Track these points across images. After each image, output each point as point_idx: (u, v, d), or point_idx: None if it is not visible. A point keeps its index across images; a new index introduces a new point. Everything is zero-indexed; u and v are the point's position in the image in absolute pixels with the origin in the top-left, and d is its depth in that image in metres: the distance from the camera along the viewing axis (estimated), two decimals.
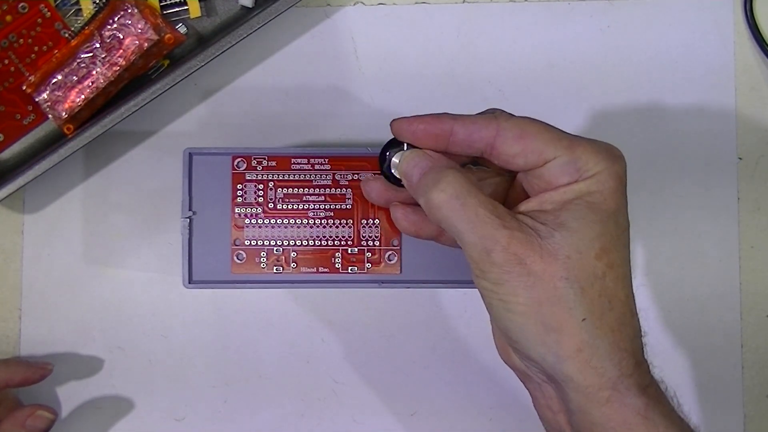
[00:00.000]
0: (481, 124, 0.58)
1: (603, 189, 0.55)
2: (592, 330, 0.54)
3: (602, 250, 0.55)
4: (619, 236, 0.56)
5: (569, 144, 0.57)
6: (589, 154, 0.56)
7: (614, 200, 0.56)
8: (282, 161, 0.69)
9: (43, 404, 0.73)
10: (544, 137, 0.57)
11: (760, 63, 0.77)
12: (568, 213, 0.55)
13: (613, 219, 0.56)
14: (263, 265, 0.69)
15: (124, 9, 0.72)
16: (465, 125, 0.58)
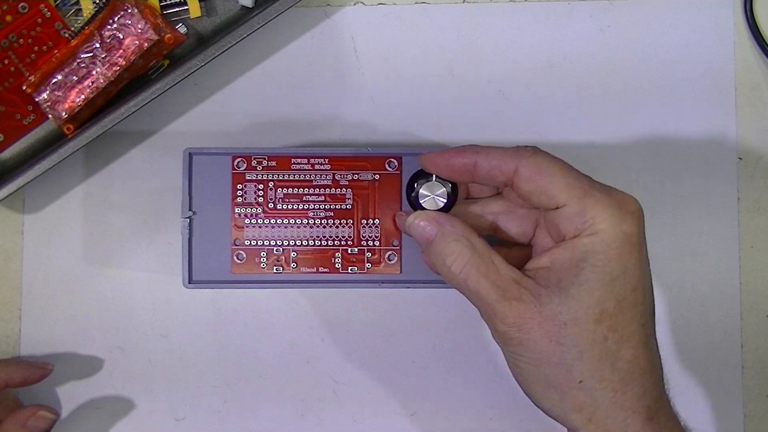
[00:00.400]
0: (502, 160, 0.59)
1: (607, 250, 0.56)
2: (591, 392, 0.56)
3: (602, 315, 0.55)
4: (626, 297, 0.56)
5: (582, 193, 0.57)
6: (598, 209, 0.56)
7: (619, 262, 0.56)
8: (282, 161, 0.69)
9: (44, 404, 0.73)
10: (559, 182, 0.57)
11: (760, 63, 0.77)
12: (571, 276, 0.56)
13: (618, 282, 0.56)
14: (263, 265, 0.69)
15: (124, 9, 0.72)
16: (488, 160, 0.60)
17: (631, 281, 0.56)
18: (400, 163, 0.69)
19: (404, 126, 0.77)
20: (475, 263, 0.58)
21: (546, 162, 0.58)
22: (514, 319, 0.57)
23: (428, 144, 0.77)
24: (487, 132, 0.77)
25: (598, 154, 0.76)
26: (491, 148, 0.61)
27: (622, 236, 0.56)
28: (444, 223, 0.61)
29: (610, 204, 0.56)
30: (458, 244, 0.59)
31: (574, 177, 0.58)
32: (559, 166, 0.58)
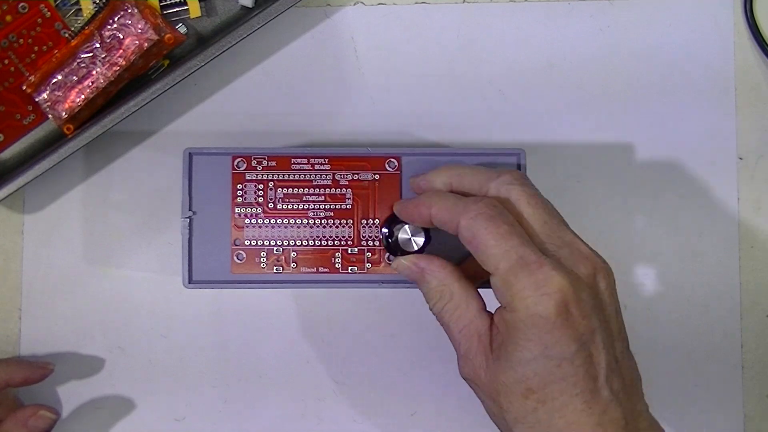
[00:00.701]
0: (449, 218, 0.61)
1: (525, 329, 0.56)
2: None
3: (528, 390, 0.56)
4: (551, 373, 0.56)
5: (507, 268, 0.57)
6: (517, 288, 0.56)
7: (538, 342, 0.56)
8: (282, 161, 0.69)
9: (44, 404, 0.73)
10: (489, 252, 0.58)
11: (760, 63, 0.77)
12: (505, 345, 0.57)
13: (538, 361, 0.56)
14: (263, 265, 0.68)
15: (124, 9, 0.72)
16: (438, 214, 0.62)
17: (553, 358, 0.55)
18: (400, 163, 0.69)
19: (404, 126, 0.77)
20: (449, 310, 0.61)
21: (483, 227, 0.58)
22: (468, 373, 0.61)
23: (428, 144, 0.77)
24: (487, 132, 0.77)
25: (598, 154, 0.77)
26: (445, 198, 0.62)
27: (537, 318, 0.55)
28: (424, 267, 0.63)
29: (528, 285, 0.56)
30: (436, 291, 0.62)
31: (507, 247, 0.57)
32: (496, 232, 0.58)
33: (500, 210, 0.58)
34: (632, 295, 0.76)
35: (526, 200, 0.59)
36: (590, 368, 0.55)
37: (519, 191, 0.59)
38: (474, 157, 0.69)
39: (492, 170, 0.62)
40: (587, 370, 0.55)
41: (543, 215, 0.59)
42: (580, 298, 0.55)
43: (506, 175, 0.61)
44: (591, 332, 0.56)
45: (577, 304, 0.55)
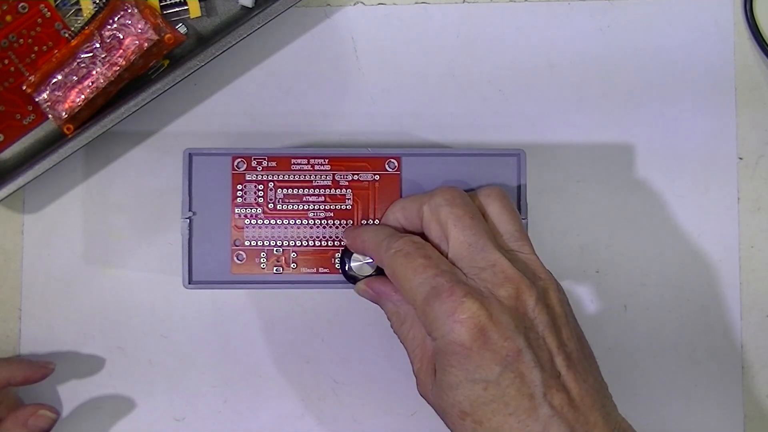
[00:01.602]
0: (373, 254, 0.65)
1: (446, 357, 0.57)
2: None
3: (462, 413, 0.57)
4: (478, 396, 0.56)
5: (423, 299, 0.58)
6: (432, 317, 0.57)
7: (460, 368, 0.56)
8: (282, 161, 0.69)
9: (45, 403, 0.73)
10: (406, 285, 0.59)
11: (760, 63, 0.77)
12: (438, 371, 0.59)
13: (464, 385, 0.56)
14: (263, 266, 0.68)
15: (124, 9, 0.72)
16: (367, 251, 0.65)
17: (479, 382, 0.56)
18: (400, 164, 0.69)
19: (404, 126, 0.77)
20: (403, 331, 0.64)
21: (400, 264, 0.59)
22: (421, 391, 0.62)
23: (428, 144, 0.77)
24: (487, 132, 0.77)
25: (598, 154, 0.77)
26: (374, 234, 0.64)
27: (454, 346, 0.56)
28: (378, 291, 0.66)
29: (441, 313, 0.56)
30: (392, 313, 0.65)
31: (421, 280, 0.58)
32: (411, 267, 0.59)
33: (418, 245, 0.60)
34: (632, 295, 0.76)
35: (452, 222, 0.60)
36: (522, 387, 0.55)
37: (446, 212, 0.60)
38: (474, 157, 0.69)
39: (426, 193, 0.63)
40: (519, 390, 0.55)
41: (468, 237, 0.59)
42: (499, 320, 0.56)
43: (437, 196, 0.61)
44: (516, 352, 0.56)
45: (495, 328, 0.55)
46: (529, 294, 0.58)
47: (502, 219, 0.62)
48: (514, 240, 0.62)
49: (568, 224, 0.76)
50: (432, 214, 0.61)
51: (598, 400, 0.58)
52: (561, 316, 0.59)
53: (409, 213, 0.63)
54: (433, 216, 0.61)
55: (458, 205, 0.60)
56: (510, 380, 0.55)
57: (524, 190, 0.68)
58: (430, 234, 0.62)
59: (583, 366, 0.59)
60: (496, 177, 0.69)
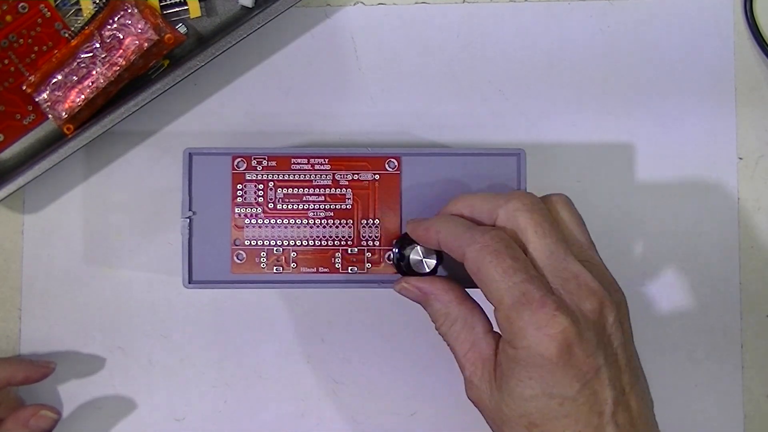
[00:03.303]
0: (455, 246, 0.60)
1: (527, 368, 0.55)
2: None
3: (531, 424, 0.56)
4: (551, 410, 0.55)
5: (510, 305, 0.56)
6: (520, 325, 0.55)
7: (540, 381, 0.55)
8: (282, 161, 0.68)
9: (46, 404, 0.73)
10: (492, 286, 0.57)
11: (760, 63, 0.77)
12: (507, 378, 0.57)
13: (540, 398, 0.55)
14: (263, 265, 0.68)
15: (124, 9, 0.72)
16: (445, 242, 0.61)
17: (555, 397, 0.55)
18: (400, 163, 0.69)
19: (404, 126, 0.77)
20: (453, 333, 0.62)
21: (487, 261, 0.57)
22: (473, 397, 0.61)
23: (428, 144, 0.77)
24: (487, 132, 0.77)
25: (598, 154, 0.77)
26: (453, 225, 0.61)
27: (538, 358, 0.55)
28: (427, 291, 0.64)
29: (531, 323, 0.55)
30: (440, 313, 0.63)
31: (510, 283, 0.56)
32: (500, 267, 0.57)
33: (507, 243, 0.57)
34: (632, 296, 0.76)
35: (532, 229, 0.58)
36: (594, 405, 0.55)
37: (526, 219, 0.58)
38: (474, 157, 0.69)
39: (501, 195, 0.61)
40: (591, 407, 0.55)
41: (549, 245, 0.58)
42: (584, 337, 0.55)
43: (514, 200, 0.59)
44: (595, 370, 0.55)
45: (581, 344, 0.55)
46: (610, 309, 0.57)
47: (573, 227, 0.61)
48: (585, 249, 0.61)
49: None
50: (509, 218, 0.59)
51: (651, 418, 0.58)
52: (628, 332, 0.59)
53: (479, 212, 0.61)
54: (509, 221, 0.59)
55: (537, 211, 0.59)
56: (586, 397, 0.55)
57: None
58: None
59: (642, 384, 0.59)
60: (496, 177, 0.69)
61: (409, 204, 0.69)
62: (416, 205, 0.69)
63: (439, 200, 0.68)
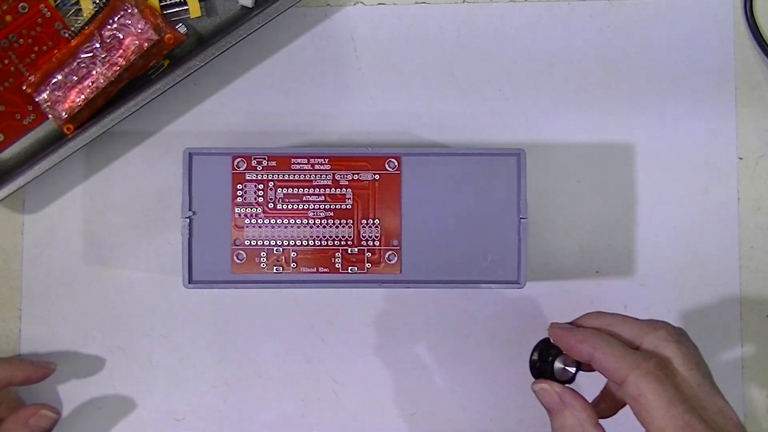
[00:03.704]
0: (615, 367, 0.59)
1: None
2: None
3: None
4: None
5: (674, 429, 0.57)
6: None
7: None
8: (282, 161, 0.69)
9: (45, 403, 0.73)
10: (655, 413, 0.57)
11: (760, 63, 0.77)
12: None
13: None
14: (263, 265, 0.68)
15: (124, 9, 0.72)
16: (603, 359, 0.60)
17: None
18: (400, 163, 0.69)
19: (404, 126, 0.77)
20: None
21: (652, 388, 0.57)
22: None
23: (428, 144, 0.77)
24: (487, 132, 0.77)
25: (598, 154, 0.77)
26: (611, 345, 0.61)
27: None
28: (567, 402, 0.62)
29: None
30: (570, 428, 0.61)
31: (675, 413, 0.57)
32: (665, 396, 0.57)
33: (668, 372, 0.58)
34: (632, 296, 0.76)
35: (681, 359, 0.59)
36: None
37: (675, 349, 0.59)
38: (474, 157, 0.69)
39: (645, 323, 0.62)
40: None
41: (697, 377, 0.58)
42: None
43: (662, 330, 0.60)
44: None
45: None
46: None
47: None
48: (715, 387, 0.61)
49: (568, 224, 0.76)
50: (656, 346, 0.60)
51: None
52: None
53: (619, 334, 0.62)
54: (657, 348, 0.60)
55: (685, 342, 0.60)
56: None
57: (524, 190, 0.68)
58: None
59: None
60: (496, 177, 0.69)
61: (409, 204, 0.69)
62: (416, 205, 0.69)
63: (439, 200, 0.68)
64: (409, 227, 0.69)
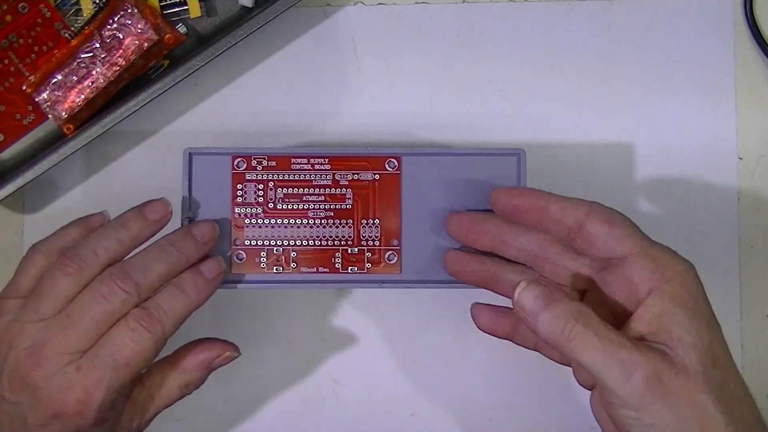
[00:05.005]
0: (575, 204, 0.60)
1: (692, 292, 0.56)
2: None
3: (715, 358, 0.55)
4: (721, 339, 0.57)
5: (649, 242, 0.58)
6: (666, 257, 0.57)
7: (706, 303, 0.57)
8: (282, 161, 0.69)
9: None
10: (627, 230, 0.58)
11: (760, 63, 0.77)
12: (676, 326, 0.55)
13: (712, 323, 0.57)
14: (263, 265, 0.68)
15: (124, 9, 0.72)
16: (560, 202, 0.61)
17: (717, 322, 0.57)
18: (400, 163, 0.69)
19: (404, 126, 0.77)
20: (600, 320, 0.55)
21: (614, 211, 0.60)
22: (654, 369, 0.54)
23: (428, 144, 0.77)
24: (487, 132, 0.77)
25: (598, 154, 0.77)
26: (560, 195, 0.62)
27: (697, 279, 0.57)
28: (555, 289, 0.58)
29: (673, 252, 0.58)
30: (579, 303, 0.57)
31: (637, 228, 0.59)
32: (624, 216, 0.60)
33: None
34: None
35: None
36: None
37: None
38: (474, 157, 0.69)
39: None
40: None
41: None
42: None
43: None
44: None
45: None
46: None
47: None
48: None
49: None
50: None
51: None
52: None
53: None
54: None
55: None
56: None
57: None
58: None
59: None
60: (496, 177, 0.69)
61: (409, 204, 0.69)
62: (416, 205, 0.69)
63: (439, 200, 0.69)
64: (409, 227, 0.69)
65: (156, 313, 0.61)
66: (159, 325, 0.61)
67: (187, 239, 0.65)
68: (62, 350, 0.59)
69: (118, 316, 0.60)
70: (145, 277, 0.61)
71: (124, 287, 0.60)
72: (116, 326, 0.60)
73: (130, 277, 0.60)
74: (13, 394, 0.60)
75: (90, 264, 0.61)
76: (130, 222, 0.64)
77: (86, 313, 0.59)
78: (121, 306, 0.59)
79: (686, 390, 0.53)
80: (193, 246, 0.65)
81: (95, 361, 0.59)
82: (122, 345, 0.59)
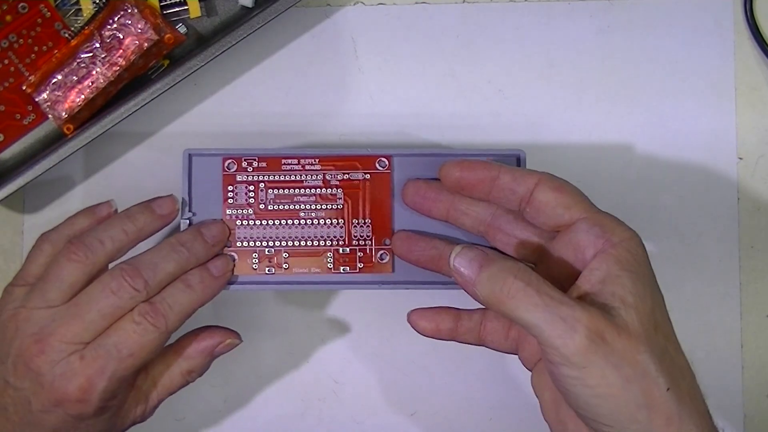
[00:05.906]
0: (525, 173, 0.61)
1: (637, 258, 0.57)
2: (677, 399, 0.55)
3: (657, 324, 0.56)
4: (663, 308, 0.58)
5: (596, 211, 0.59)
6: (613, 223, 0.58)
7: (650, 271, 0.57)
8: (272, 162, 0.68)
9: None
10: (575, 198, 0.59)
11: (760, 63, 0.76)
12: (620, 287, 0.55)
13: (656, 291, 0.57)
14: (255, 267, 0.68)
15: (124, 9, 0.72)
16: (510, 172, 0.61)
17: (659, 290, 0.58)
18: (391, 163, 0.69)
19: (404, 126, 0.77)
20: (540, 278, 0.56)
21: (563, 180, 0.61)
22: (597, 327, 0.53)
23: (428, 144, 0.77)
24: (487, 132, 0.77)
25: (598, 154, 0.76)
26: (510, 166, 0.63)
27: (642, 245, 0.57)
28: (490, 251, 0.60)
29: (620, 221, 0.58)
30: (518, 262, 0.57)
31: (587, 198, 0.60)
32: (573, 186, 0.61)
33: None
34: None
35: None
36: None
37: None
38: (474, 157, 0.69)
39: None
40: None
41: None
42: None
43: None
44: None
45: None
46: None
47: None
48: None
49: None
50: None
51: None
52: None
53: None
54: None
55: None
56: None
57: None
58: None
59: None
60: None
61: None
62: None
63: None
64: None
65: (161, 307, 0.62)
66: (163, 320, 0.62)
67: (197, 240, 0.66)
68: (67, 339, 0.60)
69: (125, 311, 0.61)
70: (154, 275, 0.62)
71: (133, 284, 0.61)
72: (122, 319, 0.61)
73: (141, 275, 0.62)
74: (18, 380, 0.61)
75: (95, 252, 0.63)
76: (137, 215, 0.66)
77: (94, 306, 0.61)
78: (128, 302, 0.61)
79: (628, 349, 0.53)
80: (203, 247, 0.66)
81: (99, 351, 0.60)
82: (126, 337, 0.61)
